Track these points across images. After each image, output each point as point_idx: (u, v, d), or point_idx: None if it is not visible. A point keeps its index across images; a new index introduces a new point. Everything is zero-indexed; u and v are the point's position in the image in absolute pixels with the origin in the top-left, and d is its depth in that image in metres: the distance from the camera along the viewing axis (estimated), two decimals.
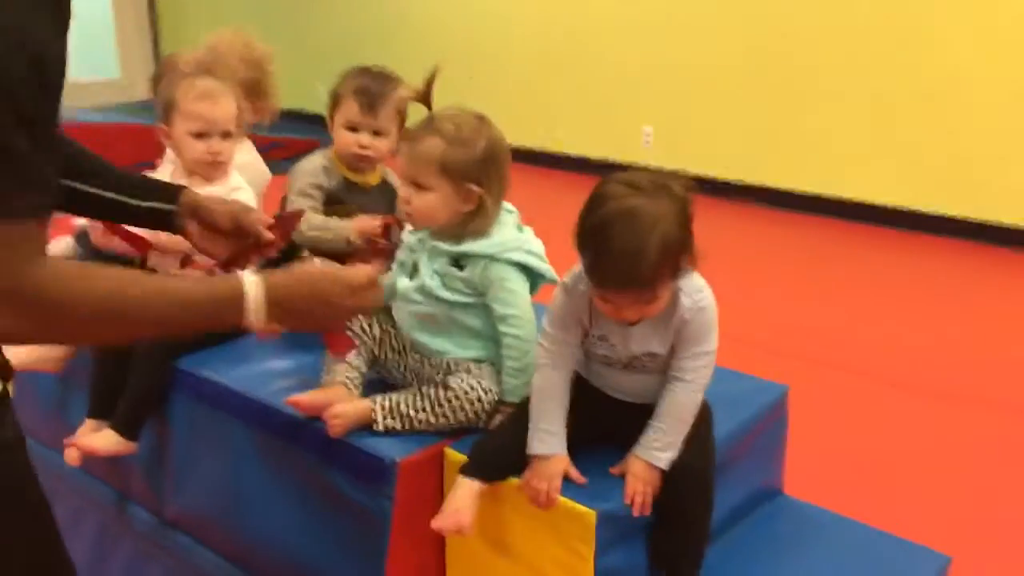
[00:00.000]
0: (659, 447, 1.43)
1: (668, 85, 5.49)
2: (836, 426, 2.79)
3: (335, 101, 1.95)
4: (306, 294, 1.19)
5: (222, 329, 1.16)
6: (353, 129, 1.93)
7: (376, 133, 1.93)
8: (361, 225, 1.91)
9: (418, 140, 1.54)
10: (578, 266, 1.41)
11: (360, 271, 1.25)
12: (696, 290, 1.42)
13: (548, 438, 1.44)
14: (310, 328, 1.29)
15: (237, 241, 1.50)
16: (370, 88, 1.91)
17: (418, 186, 1.55)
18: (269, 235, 1.50)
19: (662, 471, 1.42)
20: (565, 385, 1.47)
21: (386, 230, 1.89)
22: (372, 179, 2.01)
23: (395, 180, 2.02)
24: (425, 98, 1.57)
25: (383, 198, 2.01)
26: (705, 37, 5.39)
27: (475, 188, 1.53)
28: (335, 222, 1.92)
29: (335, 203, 1.95)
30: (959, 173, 4.64)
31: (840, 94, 4.94)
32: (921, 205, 4.79)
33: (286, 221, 1.58)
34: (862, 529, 1.73)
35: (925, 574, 1.63)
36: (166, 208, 1.46)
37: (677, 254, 1.32)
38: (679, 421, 1.44)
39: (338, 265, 1.64)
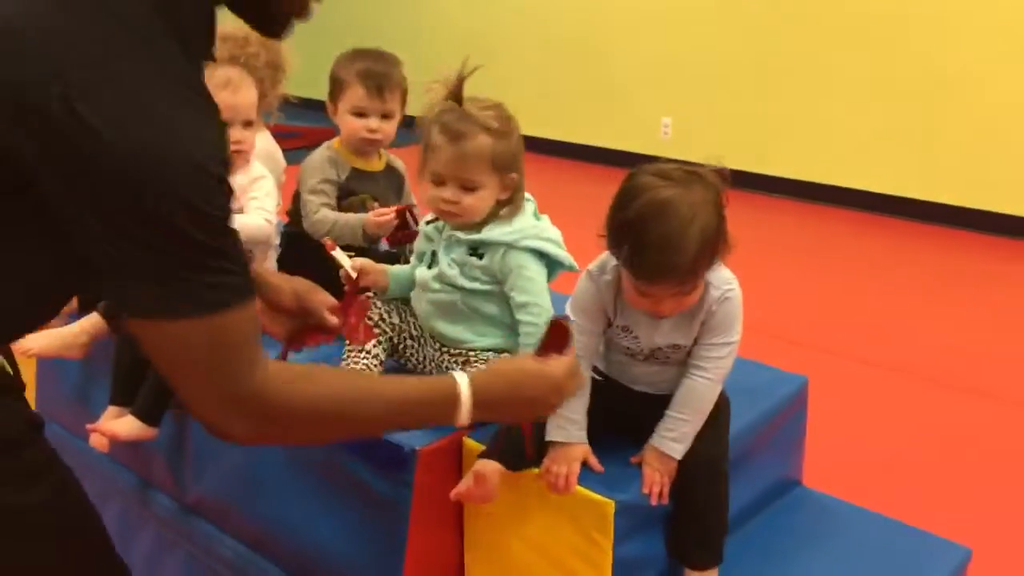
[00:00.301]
0: (673, 437, 1.43)
1: (686, 77, 5.47)
2: (855, 418, 2.78)
3: (338, 87, 1.92)
4: (509, 393, 1.17)
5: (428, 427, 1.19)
6: (360, 114, 1.91)
7: (383, 116, 1.92)
8: (375, 218, 1.88)
9: (464, 139, 1.49)
10: (605, 254, 1.41)
11: (561, 365, 1.19)
12: (725, 281, 1.42)
13: (568, 426, 1.44)
14: (508, 421, 1.29)
15: (300, 320, 1.47)
16: (376, 71, 1.89)
17: (466, 186, 1.52)
18: (333, 319, 1.45)
19: (677, 461, 1.42)
20: (586, 374, 1.47)
21: (401, 217, 1.88)
22: (378, 164, 2.00)
23: (399, 164, 2.05)
24: (457, 93, 1.53)
25: (391, 183, 2.02)
26: (722, 29, 5.36)
27: (515, 176, 1.54)
28: (348, 218, 1.89)
29: (348, 194, 1.95)
30: (975, 164, 4.60)
31: (857, 85, 4.90)
32: (938, 196, 4.75)
33: (352, 306, 1.51)
34: (882, 521, 1.72)
35: (945, 567, 1.62)
36: None
37: (715, 243, 1.32)
38: (696, 412, 1.44)
39: (356, 257, 1.65)
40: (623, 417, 1.51)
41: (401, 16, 6.85)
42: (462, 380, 1.12)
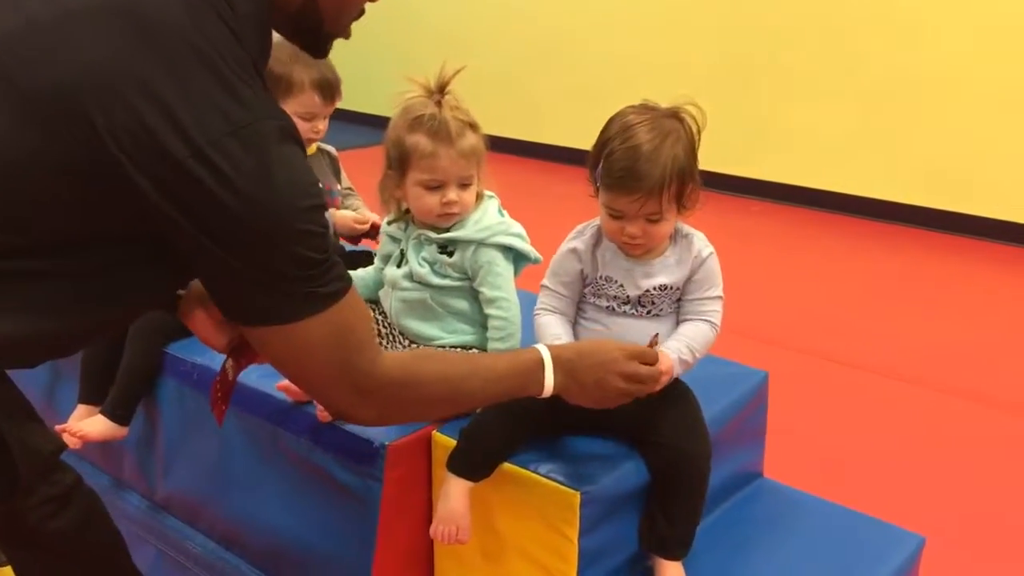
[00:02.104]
0: (681, 356, 1.44)
1: (654, 78, 5.51)
2: (814, 411, 2.84)
3: (286, 87, 1.95)
4: (579, 357, 1.30)
5: (519, 395, 1.28)
6: (310, 118, 2.01)
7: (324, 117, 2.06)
8: (342, 220, 2.01)
9: (459, 139, 1.54)
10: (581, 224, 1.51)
11: (632, 348, 1.31)
12: (705, 238, 1.51)
13: (556, 340, 1.47)
14: (581, 401, 1.34)
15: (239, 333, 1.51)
16: (329, 80, 2.00)
17: (465, 183, 1.57)
18: None
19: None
20: (566, 321, 1.52)
21: (373, 230, 1.98)
22: (311, 149, 2.09)
23: (330, 148, 2.18)
24: (439, 97, 1.57)
25: (325, 163, 2.13)
26: (691, 31, 5.42)
27: (484, 170, 1.60)
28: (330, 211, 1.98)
29: None
30: (940, 167, 4.69)
31: (824, 88, 4.98)
32: (903, 198, 4.84)
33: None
34: (839, 511, 1.77)
35: (900, 554, 1.66)
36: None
37: (683, 176, 1.41)
38: (700, 348, 1.48)
39: None
40: (592, 412, 1.52)
41: (374, 15, 6.83)
42: (541, 348, 1.28)
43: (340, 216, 2.05)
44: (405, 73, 1.58)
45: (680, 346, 1.46)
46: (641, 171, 1.39)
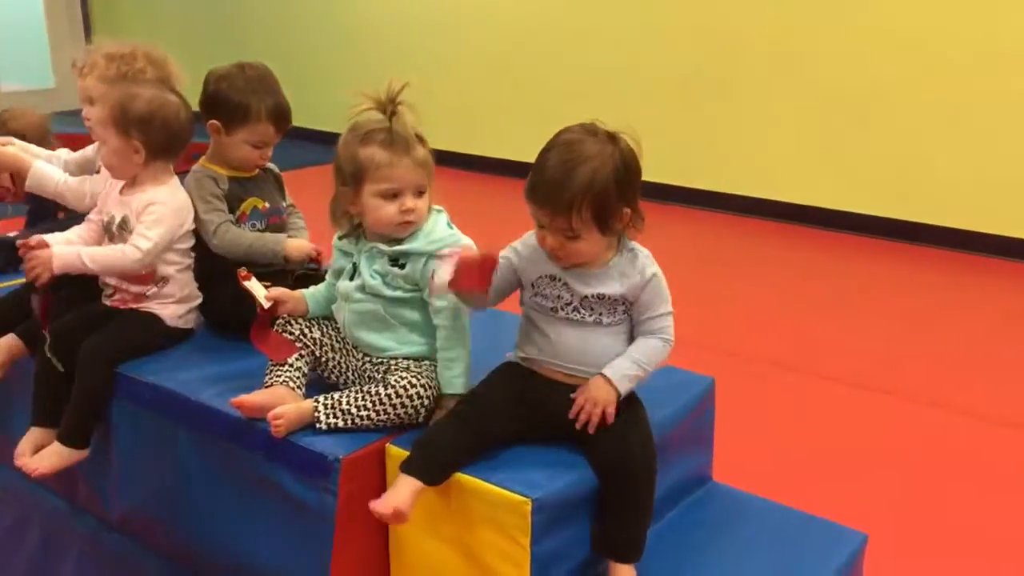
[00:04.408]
0: (625, 373, 1.50)
1: (608, 92, 5.59)
2: (761, 415, 2.90)
3: (241, 115, 1.94)
4: None
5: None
6: (261, 145, 1.99)
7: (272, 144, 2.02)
8: (298, 247, 1.97)
9: (411, 150, 1.59)
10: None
11: None
12: (650, 256, 1.54)
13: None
14: None
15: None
16: (283, 109, 1.98)
17: (420, 191, 1.62)
18: None
19: (615, 398, 1.49)
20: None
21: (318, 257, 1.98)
22: (253, 170, 2.06)
23: (272, 165, 2.11)
24: (390, 112, 1.60)
25: (270, 182, 2.09)
26: (643, 46, 5.50)
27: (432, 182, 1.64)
28: (266, 239, 1.96)
29: (236, 202, 1.99)
30: (886, 176, 4.81)
31: (773, 101, 5.08)
32: (847, 206, 4.95)
33: (267, 334, 1.68)
34: (786, 511, 1.81)
35: (843, 550, 1.72)
36: None
37: (604, 197, 1.44)
38: (649, 362, 1.52)
39: (272, 285, 1.71)
40: (541, 413, 1.56)
41: (327, 31, 6.85)
42: None
43: (296, 246, 1.98)
44: (353, 89, 1.61)
45: (625, 363, 1.51)
46: (551, 185, 1.45)
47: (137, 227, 1.86)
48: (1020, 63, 4.36)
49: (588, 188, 1.43)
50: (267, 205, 2.03)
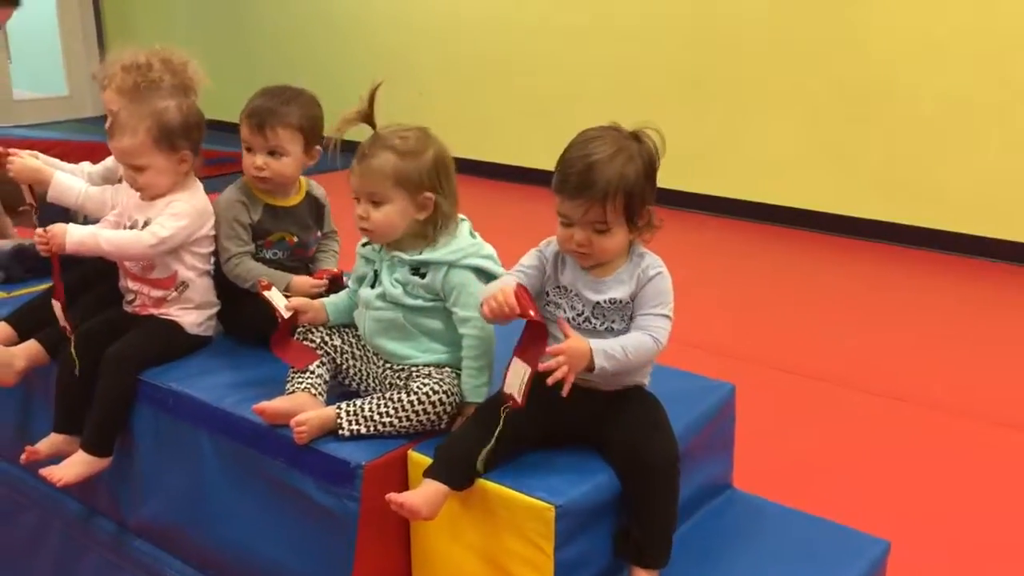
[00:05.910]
0: (606, 353, 1.46)
1: (608, 96, 5.58)
2: (781, 422, 2.89)
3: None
4: None
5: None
6: (246, 148, 1.93)
7: (271, 153, 1.90)
8: (303, 287, 1.87)
9: (368, 157, 1.62)
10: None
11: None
12: (657, 260, 1.55)
13: (509, 277, 1.55)
14: None
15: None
16: (260, 108, 1.89)
17: (375, 201, 1.61)
18: None
19: (590, 369, 1.46)
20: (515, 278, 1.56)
21: (332, 282, 1.89)
22: (295, 198, 1.99)
23: (319, 192, 2.04)
24: (368, 117, 1.64)
25: (310, 214, 2.01)
26: (644, 48, 5.49)
27: (430, 195, 1.61)
28: (274, 276, 1.87)
29: (264, 234, 1.93)
30: (892, 179, 4.80)
31: (776, 103, 5.07)
32: (853, 210, 4.94)
33: (288, 343, 1.69)
34: (807, 519, 1.81)
35: (866, 559, 1.71)
36: None
37: (631, 193, 1.46)
38: (634, 353, 1.48)
39: (292, 298, 1.72)
40: (561, 419, 1.55)
41: (326, 37, 6.87)
42: None
43: (301, 284, 1.89)
44: (356, 97, 1.64)
45: (613, 344, 1.48)
46: (586, 175, 1.46)
47: (158, 218, 1.87)
48: None
49: (622, 178, 1.46)
50: (295, 239, 1.97)
